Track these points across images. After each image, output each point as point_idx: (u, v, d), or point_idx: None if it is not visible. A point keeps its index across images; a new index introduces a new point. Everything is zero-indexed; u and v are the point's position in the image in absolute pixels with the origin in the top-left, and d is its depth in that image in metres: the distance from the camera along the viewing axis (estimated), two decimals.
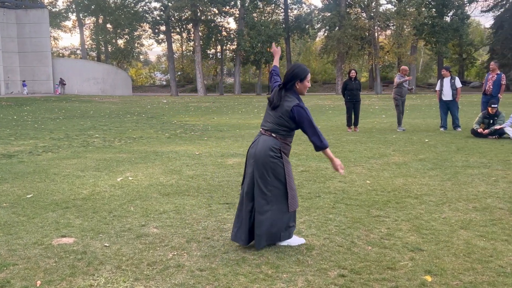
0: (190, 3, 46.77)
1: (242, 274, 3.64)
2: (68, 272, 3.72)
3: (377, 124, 15.67)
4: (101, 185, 6.76)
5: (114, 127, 15.70)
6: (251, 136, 12.57)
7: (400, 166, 7.98)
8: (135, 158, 9.17)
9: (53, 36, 63.06)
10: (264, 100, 34.62)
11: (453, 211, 5.26)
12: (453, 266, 3.75)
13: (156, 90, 63.83)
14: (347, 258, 3.94)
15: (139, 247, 4.26)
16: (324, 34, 54.48)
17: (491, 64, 13.16)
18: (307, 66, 4.79)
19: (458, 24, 49.03)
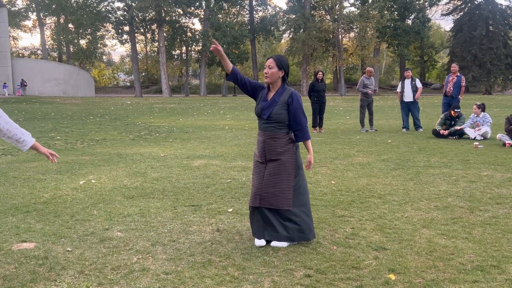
0: (154, 3, 46.32)
1: (209, 277, 3.62)
2: (29, 278, 3.61)
3: (342, 125, 15.88)
4: (63, 189, 6.61)
5: (76, 129, 15.39)
6: (217, 138, 12.54)
7: (364, 166, 8.10)
8: (98, 160, 9.01)
9: (12, 36, 61.31)
10: (230, 101, 34.59)
11: (415, 210, 5.37)
12: (416, 264, 3.82)
13: (119, 91, 62.90)
14: (312, 258, 3.97)
15: (103, 251, 4.18)
16: (289, 36, 54.88)
17: (453, 66, 13.51)
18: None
19: (419, 27, 50.24)
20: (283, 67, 4.20)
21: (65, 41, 54.87)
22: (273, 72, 4.18)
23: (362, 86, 13.79)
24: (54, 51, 60.92)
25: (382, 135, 12.78)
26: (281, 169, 4.21)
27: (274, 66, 4.18)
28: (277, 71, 4.18)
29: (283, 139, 4.22)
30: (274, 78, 4.20)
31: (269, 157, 4.24)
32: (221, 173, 7.63)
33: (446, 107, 13.24)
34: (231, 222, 5.00)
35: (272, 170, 4.22)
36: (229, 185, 6.72)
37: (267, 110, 4.20)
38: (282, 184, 4.21)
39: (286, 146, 4.22)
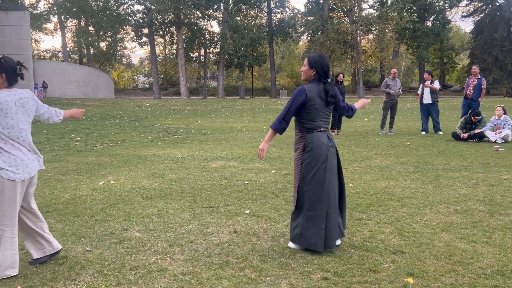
0: (173, 6, 46.66)
1: (226, 278, 3.63)
2: (49, 277, 3.67)
3: (360, 128, 15.79)
4: (83, 189, 6.69)
5: (96, 130, 15.57)
6: (235, 140, 12.57)
7: (383, 169, 8.04)
8: (118, 161, 9.10)
9: (34, 39, 62.30)
10: (248, 103, 34.65)
11: (434, 214, 5.32)
12: (435, 268, 3.79)
13: (138, 93, 63.46)
14: (330, 261, 3.96)
15: (122, 251, 4.22)
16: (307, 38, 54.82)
17: (474, 68, 13.32)
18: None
19: (439, 29, 49.74)
20: (314, 66, 4.23)
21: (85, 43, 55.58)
22: (305, 70, 4.30)
23: (385, 87, 13.69)
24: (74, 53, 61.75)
25: (401, 137, 12.68)
26: (294, 166, 4.32)
27: (306, 65, 4.29)
28: (308, 69, 4.26)
29: (297, 136, 4.31)
30: (306, 76, 4.30)
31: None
32: (239, 174, 7.64)
33: (466, 110, 13.08)
34: (248, 224, 5.01)
35: None
36: (246, 187, 6.73)
37: None
38: (294, 181, 4.30)
39: (297, 145, 4.30)
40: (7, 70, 3.67)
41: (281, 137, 13.16)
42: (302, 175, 4.20)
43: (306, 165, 4.18)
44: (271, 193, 6.38)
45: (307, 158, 4.19)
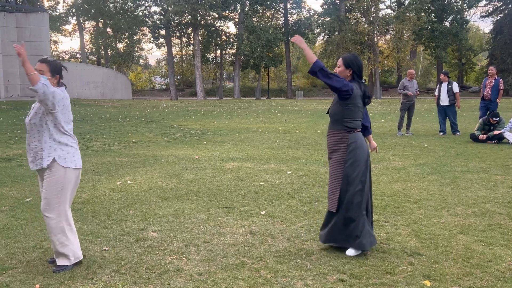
0: (190, 7, 46.85)
1: (241, 279, 3.63)
2: (67, 275, 3.71)
3: (377, 129, 15.68)
4: (100, 189, 6.75)
5: (114, 131, 15.71)
6: (250, 140, 12.58)
7: (399, 170, 7.98)
8: (135, 162, 9.17)
9: (53, 40, 63.10)
10: (264, 104, 34.65)
11: (452, 216, 5.26)
12: (452, 271, 3.75)
13: (155, 94, 63.86)
14: (346, 262, 3.94)
15: (138, 251, 4.25)
16: (324, 39, 54.61)
17: (491, 69, 13.16)
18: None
19: (457, 29, 49.17)
20: (351, 65, 4.20)
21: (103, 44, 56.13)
22: (341, 71, 4.23)
23: (402, 88, 13.58)
24: (92, 54, 62.41)
25: (418, 139, 12.57)
26: (333, 168, 4.21)
27: (341, 65, 4.22)
28: (344, 69, 4.21)
29: (336, 136, 4.20)
30: (342, 76, 4.21)
31: (328, 154, 4.30)
32: (254, 175, 7.65)
33: (484, 111, 12.92)
34: (264, 224, 5.01)
35: (329, 168, 4.28)
36: (262, 188, 6.73)
37: (331, 106, 4.31)
38: (332, 183, 4.19)
39: (338, 145, 4.18)
40: (60, 71, 3.99)
41: (297, 138, 13.15)
42: (346, 175, 4.12)
43: (350, 165, 4.12)
44: (287, 194, 6.37)
45: (351, 157, 4.13)
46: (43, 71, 3.82)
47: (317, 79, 4.42)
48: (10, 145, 11.88)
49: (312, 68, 4.05)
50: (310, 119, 20.87)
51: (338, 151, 4.18)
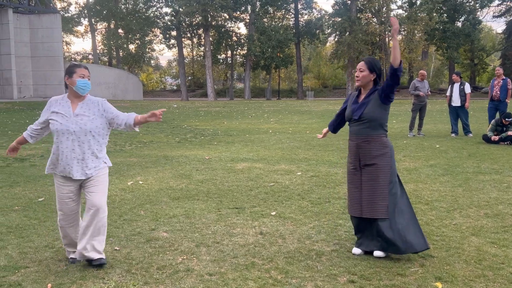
0: (201, 8, 46.98)
1: (251, 279, 3.63)
2: (78, 275, 3.74)
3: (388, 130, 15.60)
4: (112, 189, 6.79)
5: (125, 131, 15.79)
6: (261, 141, 12.58)
7: (411, 171, 7.94)
8: (146, 162, 9.21)
9: (65, 41, 63.60)
10: (274, 105, 34.62)
11: (464, 218, 5.22)
12: (464, 273, 3.72)
13: (166, 94, 64.11)
14: (357, 264, 3.93)
15: (149, 251, 4.27)
16: (335, 39, 54.42)
17: (497, 70, 13.08)
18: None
19: (469, 29, 48.78)
20: (375, 69, 4.13)
21: (115, 46, 56.47)
22: (364, 75, 4.12)
23: (413, 89, 13.52)
24: (104, 55, 62.82)
25: (430, 139, 12.49)
26: (377, 174, 4.04)
27: (365, 69, 4.11)
28: (369, 74, 4.11)
29: (377, 141, 4.09)
30: (366, 81, 4.13)
31: (364, 162, 4.10)
32: (265, 176, 7.65)
33: (493, 112, 12.83)
34: (274, 225, 5.01)
35: (368, 176, 4.08)
36: (272, 189, 6.73)
37: (358, 110, 4.11)
38: (378, 191, 4.02)
39: (381, 150, 4.07)
40: None
41: (308, 138, 13.12)
42: (390, 180, 4.06)
43: (393, 169, 4.09)
44: (297, 195, 6.36)
45: (392, 162, 4.11)
46: (89, 76, 3.96)
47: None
48: (23, 146, 11.98)
49: (399, 68, 3.92)
50: (320, 119, 20.82)
51: (382, 156, 4.04)
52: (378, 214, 4.02)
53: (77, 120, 3.82)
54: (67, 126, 3.80)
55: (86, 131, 3.82)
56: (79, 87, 3.86)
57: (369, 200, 4.05)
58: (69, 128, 3.79)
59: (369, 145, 4.08)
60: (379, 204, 4.01)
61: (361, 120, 4.09)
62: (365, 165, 4.10)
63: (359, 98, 4.21)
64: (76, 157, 3.83)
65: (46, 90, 45.19)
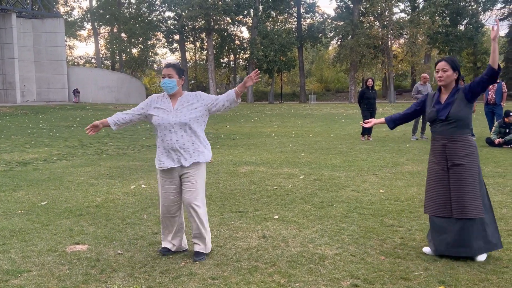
0: (203, 12, 47.10)
1: (254, 283, 3.63)
2: (81, 279, 3.74)
3: (391, 133, 15.59)
4: (115, 193, 6.80)
5: (128, 135, 15.81)
6: (263, 145, 12.57)
7: (414, 175, 7.92)
8: (148, 166, 9.22)
9: (69, 45, 63.78)
10: (277, 109, 34.63)
11: None
12: (468, 276, 3.70)
13: None
14: (360, 267, 3.91)
15: (152, 254, 4.27)
16: (337, 43, 54.49)
17: None
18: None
19: (472, 32, 48.77)
20: (458, 68, 4.13)
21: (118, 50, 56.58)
22: (448, 75, 4.09)
23: (416, 93, 13.52)
24: (107, 59, 62.95)
25: None
26: (466, 174, 4.02)
27: (448, 69, 4.09)
28: (452, 73, 4.10)
29: (464, 141, 4.06)
30: (449, 80, 4.11)
31: (451, 161, 4.08)
32: (267, 180, 7.64)
33: (490, 116, 12.87)
34: (277, 229, 5.00)
35: (456, 176, 4.05)
36: (275, 192, 6.72)
37: (444, 110, 4.09)
38: (469, 190, 4.01)
39: (468, 149, 4.06)
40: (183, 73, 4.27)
41: (310, 142, 13.11)
42: (479, 179, 4.07)
43: (479, 168, 4.11)
44: (300, 198, 6.35)
45: (478, 161, 4.14)
46: (172, 74, 4.13)
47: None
48: (26, 149, 12.01)
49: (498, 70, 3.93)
50: (323, 123, 20.82)
51: (469, 156, 4.03)
52: (470, 214, 4.00)
53: (176, 114, 4.12)
54: (167, 120, 4.11)
55: (183, 123, 4.09)
56: (162, 87, 4.18)
57: (459, 200, 4.03)
58: (170, 122, 4.10)
59: (456, 145, 4.07)
60: (470, 204, 4.00)
61: (448, 120, 4.08)
62: (452, 165, 4.08)
63: (441, 98, 4.19)
64: (178, 147, 4.11)
65: (49, 94, 45.33)
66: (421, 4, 50.99)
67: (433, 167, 4.21)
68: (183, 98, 4.20)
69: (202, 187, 4.22)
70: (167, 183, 4.19)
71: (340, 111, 30.12)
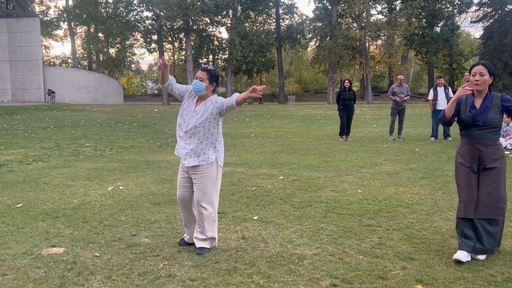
0: (182, 12, 46.86)
1: (234, 284, 3.62)
2: (58, 282, 3.68)
3: (368, 134, 15.75)
4: (92, 195, 6.72)
5: (105, 136, 15.64)
6: (243, 145, 12.57)
7: (391, 175, 8.01)
8: (126, 167, 9.13)
9: (44, 45, 62.79)
10: (256, 109, 34.66)
11: (444, 220, 5.28)
12: (444, 275, 3.76)
13: (147, 99, 63.68)
14: (338, 267, 3.94)
15: (130, 257, 4.23)
16: (316, 44, 54.74)
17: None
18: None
19: (448, 34, 49.54)
20: (493, 73, 4.16)
21: (95, 50, 55.90)
22: (485, 79, 4.10)
23: (391, 94, 13.70)
24: (84, 59, 62.17)
25: (410, 143, 12.62)
26: (498, 177, 4.12)
27: (486, 73, 4.10)
28: (489, 78, 4.12)
29: (497, 146, 4.13)
30: (486, 85, 4.13)
31: (484, 165, 4.13)
32: (247, 180, 7.64)
33: None
34: (256, 229, 5.00)
35: (489, 178, 4.12)
36: (254, 193, 6.73)
37: (481, 116, 4.10)
38: (499, 192, 4.09)
39: (500, 153, 4.12)
40: (217, 80, 4.40)
41: (290, 142, 13.16)
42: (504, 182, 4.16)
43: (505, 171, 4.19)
44: (279, 199, 6.37)
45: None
46: (203, 78, 4.26)
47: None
48: (0, 151, 11.79)
49: None
50: (302, 124, 20.91)
51: (501, 159, 4.12)
52: (497, 215, 4.11)
53: (193, 116, 4.26)
54: (184, 119, 4.30)
55: (194, 126, 4.21)
56: (192, 87, 4.31)
57: (488, 202, 4.10)
58: (185, 121, 4.28)
59: (490, 150, 4.12)
60: (498, 206, 4.10)
61: (484, 125, 4.12)
62: (484, 168, 4.14)
63: (476, 102, 4.19)
64: (187, 148, 4.26)
65: (25, 95, 44.57)
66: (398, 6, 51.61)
67: (462, 169, 4.24)
68: (207, 102, 4.31)
69: (211, 189, 4.29)
70: (180, 175, 4.40)
71: (318, 112, 30.30)
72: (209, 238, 4.35)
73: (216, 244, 4.43)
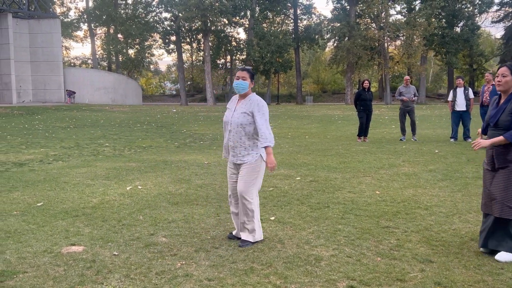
0: (200, 13, 47.07)
1: (250, 284, 3.62)
2: (77, 280, 3.73)
3: (387, 135, 15.63)
4: (111, 194, 6.78)
5: (124, 136, 15.79)
6: None
7: (410, 176, 7.94)
8: (145, 167, 9.20)
9: (65, 46, 63.64)
10: (273, 110, 34.64)
11: (463, 223, 5.22)
12: (463, 278, 3.71)
13: (166, 99, 64.14)
14: (356, 269, 3.92)
15: (148, 256, 4.26)
16: (334, 44, 54.56)
17: (487, 76, 13.09)
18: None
19: (468, 34, 48.92)
20: None
21: (114, 50, 56.48)
22: (507, 80, 4.16)
23: (398, 94, 13.78)
24: (103, 60, 62.87)
25: (429, 144, 12.50)
26: (508, 176, 4.12)
27: (508, 75, 4.16)
28: (511, 79, 4.16)
29: (510, 147, 4.11)
30: (508, 86, 4.17)
31: (498, 164, 4.17)
32: (264, 181, 7.64)
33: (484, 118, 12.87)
34: (273, 230, 5.00)
35: (499, 177, 4.16)
36: (271, 193, 6.72)
37: (493, 117, 4.21)
38: (507, 192, 4.10)
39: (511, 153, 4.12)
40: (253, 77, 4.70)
41: (307, 143, 13.12)
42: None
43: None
44: (297, 199, 6.36)
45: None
46: (246, 77, 4.58)
47: None
48: (21, 150, 11.98)
49: None
50: (320, 124, 20.84)
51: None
52: (503, 214, 4.11)
53: (235, 114, 4.55)
54: (228, 118, 4.62)
55: (238, 124, 4.50)
56: (234, 87, 4.58)
57: (499, 200, 4.13)
58: (229, 120, 4.59)
59: (504, 150, 4.15)
60: (506, 205, 4.10)
61: (496, 126, 4.18)
62: (499, 167, 4.19)
63: (500, 102, 4.26)
64: (231, 145, 4.57)
65: (46, 95, 45.19)
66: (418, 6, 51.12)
67: (483, 167, 4.38)
68: (246, 100, 4.58)
69: (254, 182, 4.53)
70: (229, 172, 4.71)
71: (336, 113, 30.16)
72: (250, 231, 4.55)
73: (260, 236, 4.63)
